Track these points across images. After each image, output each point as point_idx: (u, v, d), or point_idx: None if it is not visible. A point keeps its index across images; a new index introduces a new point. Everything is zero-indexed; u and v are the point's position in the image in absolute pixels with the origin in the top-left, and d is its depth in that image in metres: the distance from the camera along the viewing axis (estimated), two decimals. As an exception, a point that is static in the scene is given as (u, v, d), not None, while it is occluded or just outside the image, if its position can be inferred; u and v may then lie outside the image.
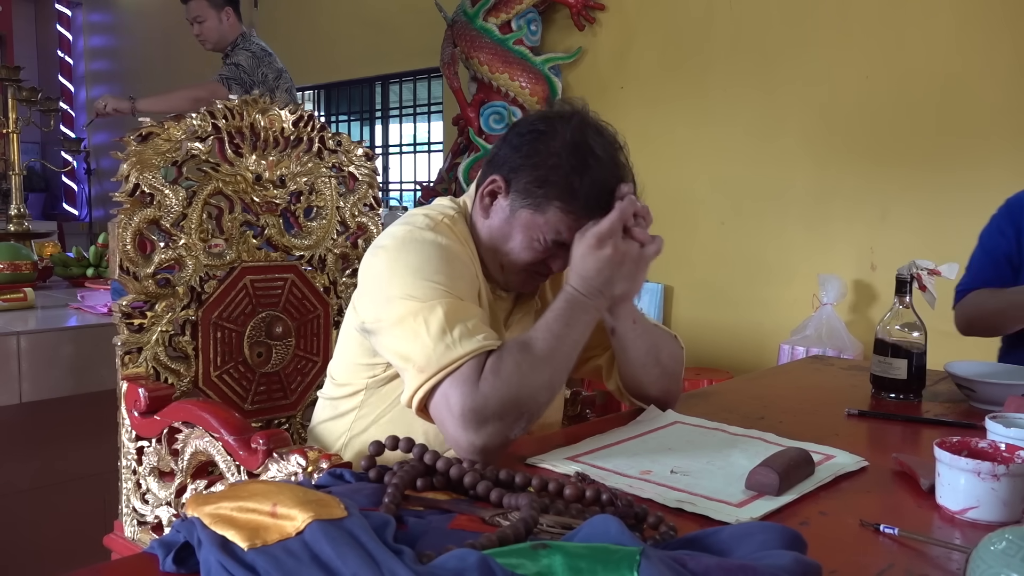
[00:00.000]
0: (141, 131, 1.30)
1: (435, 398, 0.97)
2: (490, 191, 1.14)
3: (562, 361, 1.00)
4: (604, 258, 1.02)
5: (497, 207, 1.14)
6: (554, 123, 1.11)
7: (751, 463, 0.88)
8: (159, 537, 0.69)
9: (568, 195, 1.08)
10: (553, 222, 1.10)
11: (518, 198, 1.11)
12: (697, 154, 3.36)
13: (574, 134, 1.09)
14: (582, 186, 1.07)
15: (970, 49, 2.68)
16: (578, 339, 1.02)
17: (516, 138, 1.13)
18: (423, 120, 5.00)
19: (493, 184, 1.14)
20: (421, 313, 0.99)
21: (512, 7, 3.56)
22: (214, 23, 3.30)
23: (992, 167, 2.64)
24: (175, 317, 1.36)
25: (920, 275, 1.39)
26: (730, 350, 3.11)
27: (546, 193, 1.09)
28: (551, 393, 1.00)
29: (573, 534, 0.64)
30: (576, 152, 1.08)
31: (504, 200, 1.13)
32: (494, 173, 1.14)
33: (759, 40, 3.17)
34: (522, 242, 1.12)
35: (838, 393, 1.41)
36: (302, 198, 1.50)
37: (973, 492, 0.81)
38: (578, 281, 1.03)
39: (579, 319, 1.02)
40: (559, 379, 1.01)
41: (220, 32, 3.32)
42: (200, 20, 3.30)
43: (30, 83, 3.48)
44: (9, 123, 3.21)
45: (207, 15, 3.29)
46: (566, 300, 1.03)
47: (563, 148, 1.08)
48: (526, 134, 1.12)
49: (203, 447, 1.15)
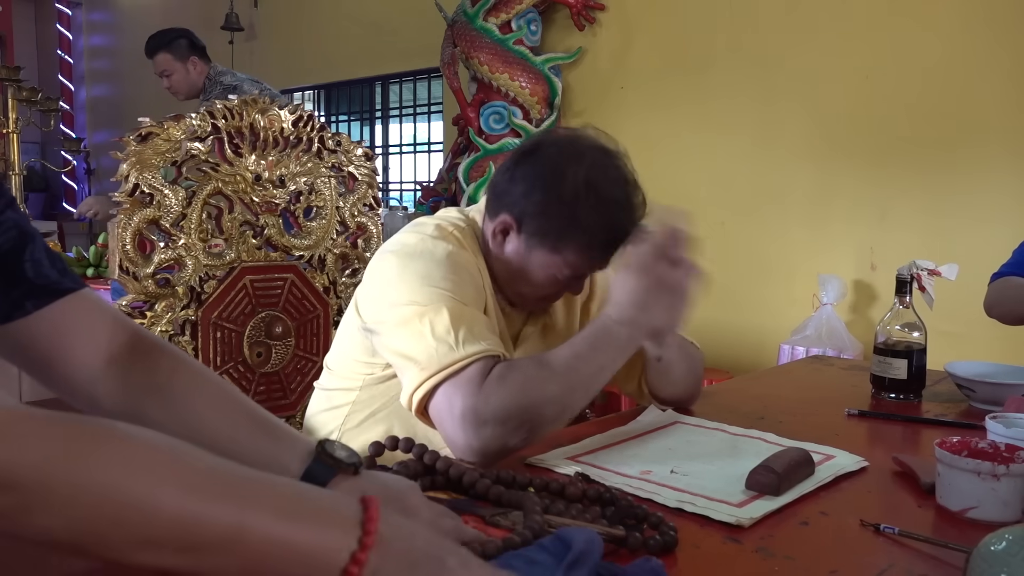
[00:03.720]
0: (141, 131, 1.30)
1: (436, 398, 0.96)
2: (502, 229, 1.13)
3: (579, 381, 0.97)
4: (643, 287, 0.98)
5: (510, 243, 1.13)
6: (564, 165, 1.08)
7: (751, 463, 0.88)
8: None
9: (585, 237, 1.08)
10: (571, 260, 1.09)
11: (534, 240, 1.10)
12: (697, 154, 3.36)
13: (587, 175, 1.07)
14: (596, 231, 1.07)
15: (970, 50, 2.68)
16: (605, 364, 0.99)
17: (523, 179, 1.10)
18: (423, 120, 5.00)
19: (504, 223, 1.12)
20: (426, 315, 0.99)
21: (512, 7, 3.56)
22: (182, 75, 3.32)
23: (992, 167, 2.64)
24: (175, 317, 1.36)
25: (920, 275, 1.39)
26: (730, 350, 3.11)
27: (559, 238, 1.08)
28: (560, 409, 0.96)
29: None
30: (589, 197, 1.06)
31: (517, 239, 1.12)
32: (504, 212, 1.12)
33: (759, 40, 3.17)
34: (538, 278, 1.12)
35: (838, 393, 1.41)
36: (302, 198, 1.50)
37: (973, 492, 0.81)
38: (614, 308, 1.00)
39: (608, 344, 0.98)
40: (573, 398, 0.97)
41: (189, 82, 3.34)
42: (167, 74, 3.32)
43: (30, 83, 3.49)
44: (9, 123, 3.21)
45: (173, 68, 3.31)
46: (598, 326, 1.00)
47: (575, 192, 1.06)
48: (538, 178, 1.09)
49: (203, 447, 1.15)
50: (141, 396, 0.73)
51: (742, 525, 0.77)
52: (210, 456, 0.53)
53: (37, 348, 0.71)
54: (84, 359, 0.72)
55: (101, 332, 0.73)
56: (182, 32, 3.38)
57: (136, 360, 0.73)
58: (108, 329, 0.74)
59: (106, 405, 0.73)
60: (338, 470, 0.68)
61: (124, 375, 0.73)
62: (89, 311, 0.73)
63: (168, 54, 3.29)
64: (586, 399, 0.99)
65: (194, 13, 5.56)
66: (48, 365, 0.72)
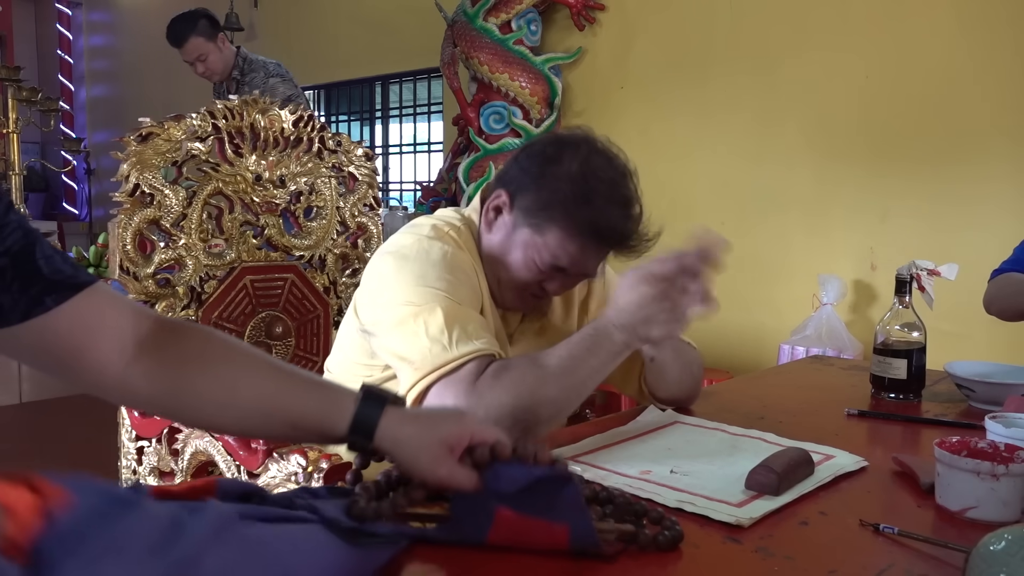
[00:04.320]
0: (141, 131, 1.30)
1: (429, 397, 0.96)
2: (495, 206, 1.15)
3: (574, 383, 0.97)
4: (648, 296, 0.98)
5: (500, 222, 1.15)
6: (564, 150, 1.11)
7: (751, 463, 0.88)
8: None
9: (568, 221, 1.08)
10: (551, 245, 1.10)
11: (520, 216, 1.12)
12: (697, 154, 3.36)
13: (582, 163, 1.09)
14: (583, 215, 1.07)
15: (970, 49, 2.68)
16: (599, 367, 0.99)
17: (526, 159, 1.14)
18: (423, 120, 5.00)
19: (498, 199, 1.15)
20: (421, 315, 1.00)
21: (512, 7, 3.56)
22: (216, 55, 3.22)
23: (992, 168, 2.64)
24: (175, 317, 1.36)
25: (920, 275, 1.39)
26: (730, 350, 3.11)
27: (547, 216, 1.09)
28: (555, 410, 0.97)
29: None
30: (581, 181, 1.08)
31: (507, 216, 1.14)
32: (500, 188, 1.15)
33: (759, 40, 3.17)
34: (519, 260, 1.12)
35: (838, 393, 1.41)
36: (302, 198, 1.50)
37: (973, 492, 0.81)
38: (615, 312, 1.00)
39: (603, 348, 0.98)
40: (567, 399, 0.98)
41: (224, 60, 3.25)
42: (203, 58, 3.20)
43: (30, 83, 3.49)
44: (9, 123, 3.22)
45: (207, 50, 3.20)
46: (596, 327, 1.00)
47: (569, 175, 1.09)
48: (536, 156, 1.13)
49: (203, 447, 1.15)
50: (180, 369, 0.75)
51: (742, 525, 0.77)
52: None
53: (61, 343, 0.71)
54: (113, 347, 0.73)
55: (126, 320, 0.74)
56: (201, 12, 3.26)
57: (165, 340, 0.75)
58: (132, 317, 0.75)
59: (144, 388, 0.74)
60: (386, 404, 0.74)
61: (158, 355, 0.74)
62: (110, 302, 0.74)
63: (199, 37, 3.16)
64: (579, 400, 1.01)
65: (194, 13, 5.55)
66: (76, 359, 0.72)
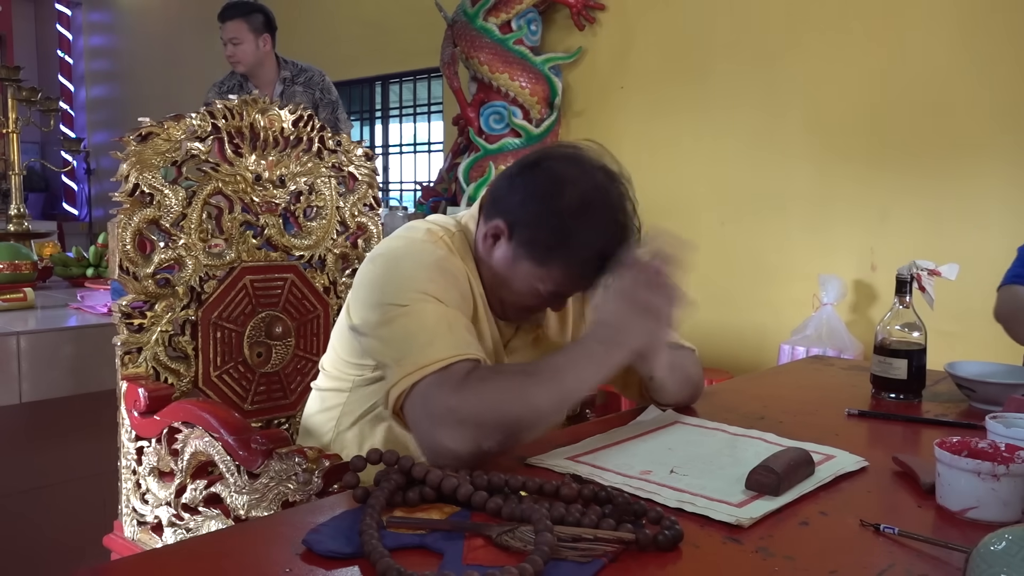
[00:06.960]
0: (141, 131, 1.30)
1: (412, 396, 0.95)
2: (493, 234, 1.13)
3: (559, 392, 0.96)
4: (621, 311, 0.99)
5: (500, 249, 1.12)
6: (564, 180, 1.08)
7: (751, 463, 0.88)
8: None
9: (572, 259, 1.07)
10: (555, 277, 1.09)
11: (521, 250, 1.10)
12: (697, 154, 3.36)
13: (582, 197, 1.06)
14: (586, 252, 1.07)
15: (970, 52, 2.68)
16: (585, 379, 0.99)
17: (523, 188, 1.11)
18: (423, 120, 5.00)
19: (496, 228, 1.12)
20: (408, 315, 1.00)
21: (512, 7, 3.56)
22: (250, 47, 3.26)
23: (992, 168, 2.64)
24: (175, 317, 1.36)
25: (920, 275, 1.39)
26: (730, 350, 3.11)
27: (548, 251, 1.08)
28: (538, 418, 0.96)
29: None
30: (583, 216, 1.06)
31: (506, 245, 1.11)
32: (498, 218, 1.12)
33: (759, 41, 3.17)
34: (522, 288, 1.11)
35: (838, 393, 1.41)
36: (302, 198, 1.50)
37: (973, 492, 0.81)
38: (593, 327, 1.02)
39: (587, 362, 0.98)
40: (551, 408, 0.97)
41: (256, 56, 3.28)
42: (236, 42, 3.25)
43: (30, 83, 3.49)
44: (9, 123, 3.22)
45: (244, 38, 3.25)
46: (579, 343, 1.02)
47: (571, 212, 1.06)
48: (533, 187, 1.10)
49: (203, 447, 1.15)
50: None
51: (742, 525, 0.77)
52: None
53: None
54: None
55: None
56: (262, 7, 3.34)
57: None
58: None
59: None
60: None
61: None
62: None
63: (243, 23, 3.23)
64: (564, 409, 1.02)
65: (194, 13, 5.55)
66: None
